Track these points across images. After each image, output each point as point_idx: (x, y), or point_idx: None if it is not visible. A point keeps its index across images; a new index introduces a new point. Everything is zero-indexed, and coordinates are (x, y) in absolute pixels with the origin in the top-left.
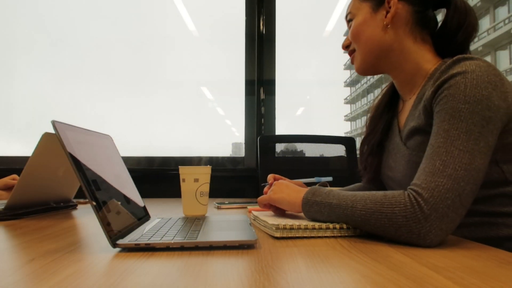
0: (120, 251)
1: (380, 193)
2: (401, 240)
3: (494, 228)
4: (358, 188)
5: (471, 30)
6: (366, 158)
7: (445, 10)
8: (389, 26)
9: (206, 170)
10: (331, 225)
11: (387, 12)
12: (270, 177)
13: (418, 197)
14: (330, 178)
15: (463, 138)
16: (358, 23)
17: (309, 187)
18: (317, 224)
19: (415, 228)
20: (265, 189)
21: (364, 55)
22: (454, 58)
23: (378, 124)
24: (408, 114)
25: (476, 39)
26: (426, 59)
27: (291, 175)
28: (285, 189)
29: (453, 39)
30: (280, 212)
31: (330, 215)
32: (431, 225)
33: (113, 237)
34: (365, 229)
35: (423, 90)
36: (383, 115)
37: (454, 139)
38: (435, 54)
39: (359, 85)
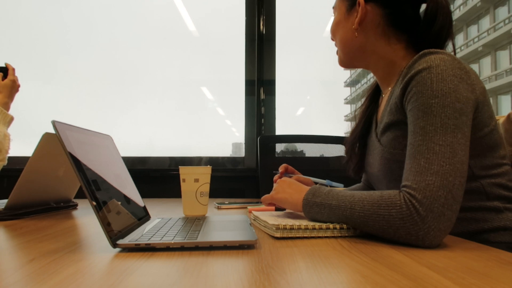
0: (120, 251)
1: (377, 193)
2: (400, 241)
3: (464, 223)
4: (359, 188)
5: (444, 20)
6: (349, 148)
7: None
8: (358, 29)
9: (206, 170)
10: (331, 225)
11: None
12: (282, 167)
13: (412, 199)
14: (341, 185)
15: (440, 132)
16: (334, 22)
17: (310, 187)
18: (317, 224)
19: (413, 230)
20: (275, 177)
21: (341, 53)
22: (421, 53)
23: (362, 116)
24: (383, 109)
25: (476, 39)
26: (401, 56)
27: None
28: (287, 189)
29: (428, 32)
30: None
31: (330, 216)
32: (429, 226)
33: (113, 237)
34: (365, 231)
35: (395, 87)
36: (368, 108)
37: (432, 135)
38: (411, 51)
39: (359, 85)
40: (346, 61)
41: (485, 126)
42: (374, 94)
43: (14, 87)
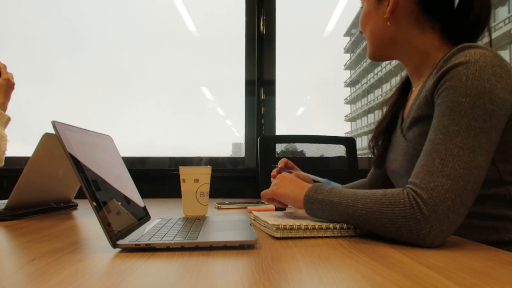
0: (121, 252)
1: (380, 191)
2: (401, 240)
3: (484, 232)
4: (362, 184)
5: (481, 6)
6: (374, 143)
7: None
8: (390, 19)
9: (206, 171)
10: (331, 225)
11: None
12: (282, 161)
13: (417, 198)
14: (339, 185)
15: (463, 134)
16: (363, 14)
17: (312, 184)
18: (317, 224)
19: (415, 229)
20: (273, 172)
21: (371, 46)
22: (459, 46)
23: (390, 110)
24: (411, 104)
25: None
26: (435, 47)
27: None
28: (288, 185)
29: (465, 21)
30: (284, 204)
31: (331, 213)
32: (431, 226)
33: (114, 237)
34: (366, 229)
35: (427, 79)
36: (396, 103)
37: (453, 136)
38: (446, 41)
39: (359, 85)
40: (377, 53)
41: None
42: (403, 88)
43: (9, 86)
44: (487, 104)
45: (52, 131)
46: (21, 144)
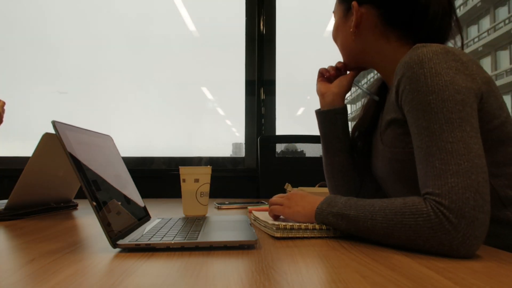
0: (121, 252)
1: (399, 200)
2: (432, 252)
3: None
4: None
5: (437, 7)
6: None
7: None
8: (355, 32)
9: (207, 171)
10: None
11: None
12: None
13: (439, 206)
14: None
15: (447, 129)
16: (334, 27)
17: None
18: (317, 225)
19: (446, 240)
20: (328, 71)
21: (343, 57)
22: (414, 46)
23: (368, 111)
24: (385, 107)
25: (476, 39)
26: (403, 53)
27: (291, 175)
28: (300, 202)
29: (422, 23)
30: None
31: (348, 227)
32: (464, 234)
33: (114, 237)
34: (390, 243)
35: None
36: (375, 103)
37: (439, 134)
38: (411, 46)
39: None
40: (350, 65)
41: (494, 118)
42: (381, 90)
43: None
44: (455, 94)
45: (52, 131)
46: (21, 144)
